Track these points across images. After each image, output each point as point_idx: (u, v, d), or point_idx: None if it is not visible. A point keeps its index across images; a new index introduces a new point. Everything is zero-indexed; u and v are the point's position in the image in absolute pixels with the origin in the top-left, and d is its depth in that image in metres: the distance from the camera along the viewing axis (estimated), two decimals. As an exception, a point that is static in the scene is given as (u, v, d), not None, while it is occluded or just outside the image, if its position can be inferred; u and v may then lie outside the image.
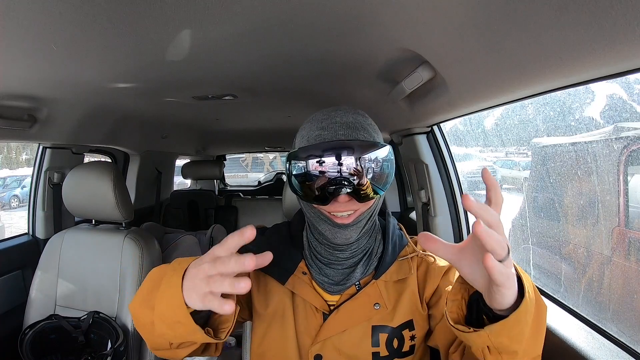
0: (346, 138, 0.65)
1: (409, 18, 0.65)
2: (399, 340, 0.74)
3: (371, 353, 0.74)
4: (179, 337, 0.60)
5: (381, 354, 0.74)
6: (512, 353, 0.53)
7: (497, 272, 0.44)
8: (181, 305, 0.53)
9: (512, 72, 0.66)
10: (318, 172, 0.65)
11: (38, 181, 1.73)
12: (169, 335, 0.59)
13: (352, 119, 0.68)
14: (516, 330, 0.50)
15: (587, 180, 1.12)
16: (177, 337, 0.59)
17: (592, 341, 0.70)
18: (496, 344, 0.52)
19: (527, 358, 0.55)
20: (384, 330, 0.74)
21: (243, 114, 1.91)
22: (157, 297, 0.57)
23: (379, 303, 0.74)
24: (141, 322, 0.63)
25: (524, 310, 0.48)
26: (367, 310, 0.74)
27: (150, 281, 0.64)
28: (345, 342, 0.74)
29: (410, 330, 0.75)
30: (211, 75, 1.08)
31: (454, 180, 1.40)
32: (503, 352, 0.53)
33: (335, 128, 0.66)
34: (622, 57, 0.47)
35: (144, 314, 0.61)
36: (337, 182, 0.64)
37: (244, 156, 9.20)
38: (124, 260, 1.35)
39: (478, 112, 1.01)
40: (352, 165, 0.64)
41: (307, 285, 0.76)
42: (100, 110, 1.55)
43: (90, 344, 1.31)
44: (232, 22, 0.68)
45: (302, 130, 0.72)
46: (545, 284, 0.96)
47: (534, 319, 0.51)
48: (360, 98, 1.38)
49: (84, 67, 0.94)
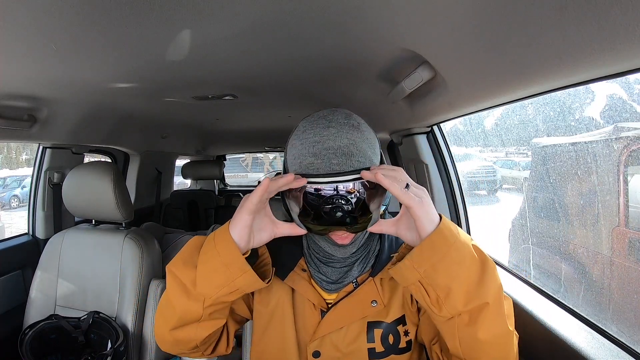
0: (340, 168, 0.62)
1: (409, 18, 0.65)
2: (394, 336, 0.76)
3: (367, 349, 0.75)
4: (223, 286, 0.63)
5: (377, 349, 0.75)
6: (446, 289, 0.57)
7: (404, 197, 0.57)
8: (234, 247, 0.62)
9: (512, 72, 0.66)
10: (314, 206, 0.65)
11: (38, 181, 1.73)
12: (210, 290, 0.63)
13: (346, 141, 0.64)
14: (436, 258, 0.56)
15: (587, 180, 1.12)
16: (221, 285, 0.63)
17: (592, 341, 0.70)
18: (424, 276, 0.57)
19: (472, 301, 0.58)
20: (379, 326, 0.76)
21: (243, 114, 1.91)
22: (206, 251, 0.64)
23: (376, 300, 0.76)
24: (178, 284, 0.66)
25: (437, 236, 0.57)
26: (364, 308, 0.75)
27: (191, 245, 0.69)
28: (342, 338, 0.75)
29: (404, 326, 0.77)
30: (211, 75, 1.08)
31: (454, 180, 1.40)
32: (437, 289, 0.57)
33: (329, 156, 0.63)
34: (622, 57, 0.47)
35: (185, 274, 0.65)
36: (334, 221, 0.64)
37: (244, 156, 9.19)
38: (124, 260, 1.35)
39: (478, 112, 1.01)
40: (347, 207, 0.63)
41: (306, 282, 0.78)
42: (101, 110, 1.55)
43: (90, 344, 1.31)
44: (232, 22, 0.68)
45: (293, 148, 0.68)
46: (545, 284, 0.96)
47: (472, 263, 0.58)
48: (360, 98, 1.38)
49: (84, 67, 0.94)
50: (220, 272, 0.62)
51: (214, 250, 0.63)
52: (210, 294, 0.64)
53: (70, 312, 1.36)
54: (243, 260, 0.62)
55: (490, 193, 2.31)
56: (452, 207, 1.41)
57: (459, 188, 1.41)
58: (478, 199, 2.17)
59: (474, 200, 1.74)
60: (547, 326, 0.76)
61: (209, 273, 0.63)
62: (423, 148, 1.41)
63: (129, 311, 1.30)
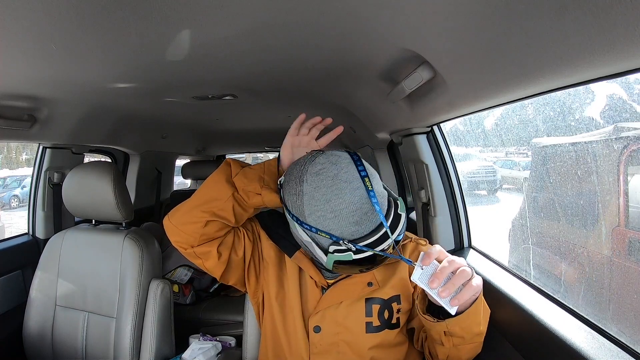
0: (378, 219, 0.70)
1: (409, 18, 0.65)
2: (389, 312, 0.85)
3: (365, 323, 0.84)
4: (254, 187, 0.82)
5: (374, 323, 0.85)
6: (460, 337, 0.73)
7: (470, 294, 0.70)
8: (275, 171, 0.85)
9: (512, 72, 0.66)
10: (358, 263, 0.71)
11: (38, 181, 1.73)
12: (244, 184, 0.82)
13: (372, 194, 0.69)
14: (466, 323, 0.72)
15: (587, 180, 1.12)
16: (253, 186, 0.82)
17: (592, 341, 0.70)
18: (451, 330, 0.72)
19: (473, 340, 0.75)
20: (376, 301, 0.86)
21: (243, 114, 1.91)
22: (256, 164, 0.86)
23: (372, 282, 0.86)
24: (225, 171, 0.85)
25: (474, 310, 0.71)
26: (361, 288, 0.86)
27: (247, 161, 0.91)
28: (341, 312, 0.85)
29: (398, 304, 0.86)
30: (211, 75, 1.08)
31: (454, 181, 1.40)
32: (454, 336, 0.73)
33: (368, 218, 0.69)
34: (622, 57, 0.47)
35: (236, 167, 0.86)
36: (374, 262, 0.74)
37: (244, 156, 9.19)
38: (124, 261, 1.35)
39: (478, 112, 1.01)
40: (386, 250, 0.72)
41: (309, 262, 0.87)
42: (100, 110, 1.55)
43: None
44: (232, 22, 0.68)
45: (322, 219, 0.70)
46: (545, 284, 0.96)
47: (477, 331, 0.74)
48: (360, 98, 1.38)
49: (84, 67, 0.94)
50: (257, 176, 0.82)
51: (262, 166, 0.85)
52: (242, 187, 0.82)
53: (70, 312, 1.36)
54: (276, 181, 0.82)
55: (490, 193, 2.31)
56: (452, 207, 1.41)
57: (459, 188, 1.41)
58: (478, 199, 2.17)
59: (474, 200, 1.74)
60: (547, 326, 0.76)
61: (250, 174, 0.83)
62: (423, 148, 1.41)
63: (129, 311, 1.30)
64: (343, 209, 0.68)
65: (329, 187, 0.69)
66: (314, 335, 0.84)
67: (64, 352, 1.34)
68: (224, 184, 0.83)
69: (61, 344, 1.35)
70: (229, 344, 1.76)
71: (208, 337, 1.53)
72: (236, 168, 0.85)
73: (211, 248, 0.84)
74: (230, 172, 0.85)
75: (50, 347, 1.36)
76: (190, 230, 0.82)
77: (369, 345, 0.84)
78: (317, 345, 0.84)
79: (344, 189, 0.69)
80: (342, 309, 0.84)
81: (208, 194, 0.84)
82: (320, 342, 0.84)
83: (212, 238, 0.84)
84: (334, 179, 0.69)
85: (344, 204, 0.68)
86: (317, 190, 0.70)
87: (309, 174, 0.71)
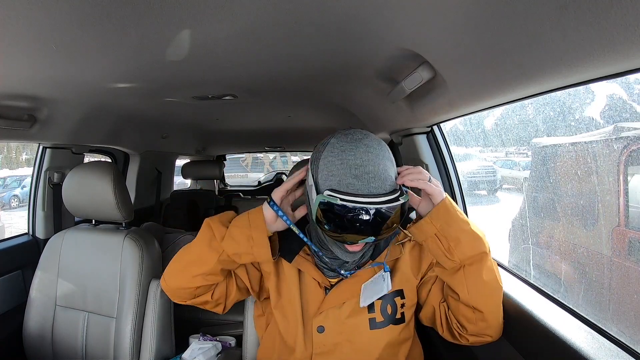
0: (377, 191, 0.71)
1: (409, 18, 0.65)
2: (392, 307, 0.86)
3: (368, 319, 0.85)
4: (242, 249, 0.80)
5: (377, 319, 0.85)
6: (456, 240, 0.75)
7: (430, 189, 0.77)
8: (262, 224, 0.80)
9: (512, 72, 0.66)
10: (345, 221, 0.70)
11: (38, 181, 1.73)
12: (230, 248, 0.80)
13: (382, 167, 0.73)
14: (447, 217, 0.75)
15: (587, 180, 1.12)
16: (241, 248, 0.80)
17: (592, 341, 0.70)
18: (439, 229, 0.76)
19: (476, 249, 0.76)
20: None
21: (243, 114, 1.91)
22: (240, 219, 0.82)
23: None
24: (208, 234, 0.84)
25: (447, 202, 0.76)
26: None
27: (228, 214, 0.87)
28: (344, 312, 0.85)
29: (402, 299, 0.87)
30: (211, 75, 1.08)
31: (454, 180, 1.40)
32: (449, 239, 0.75)
33: (369, 179, 0.71)
34: (622, 57, 0.47)
35: (219, 229, 0.83)
36: (361, 232, 0.71)
37: (244, 156, 9.19)
38: (124, 261, 1.34)
39: (478, 112, 1.01)
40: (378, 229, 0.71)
41: (311, 264, 0.87)
42: (101, 110, 1.55)
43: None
44: (232, 22, 0.68)
45: (330, 165, 0.73)
46: (545, 284, 0.96)
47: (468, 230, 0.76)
48: (360, 98, 1.38)
49: (84, 67, 0.94)
50: (244, 237, 0.79)
51: (247, 221, 0.81)
52: (228, 250, 0.80)
53: (70, 312, 1.36)
54: (265, 236, 0.80)
55: (490, 193, 2.31)
56: (452, 207, 1.40)
57: (459, 188, 1.41)
58: (478, 199, 2.17)
59: (474, 200, 1.74)
60: (547, 326, 0.76)
61: (237, 235, 0.80)
62: (423, 148, 1.41)
63: (129, 311, 1.30)
64: (350, 158, 0.72)
65: (349, 143, 0.74)
66: (317, 336, 0.84)
67: (64, 352, 1.34)
68: (208, 252, 0.83)
69: (61, 344, 1.35)
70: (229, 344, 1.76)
71: (208, 337, 1.53)
72: (219, 230, 0.82)
73: (206, 298, 0.90)
74: (213, 235, 0.83)
75: (50, 347, 1.36)
76: (184, 294, 0.89)
77: (373, 344, 0.84)
78: (320, 345, 0.84)
79: (360, 147, 0.73)
80: (345, 308, 0.85)
81: (193, 262, 0.86)
82: (324, 343, 0.84)
83: (205, 292, 0.90)
84: (357, 141, 0.74)
85: (353, 156, 0.72)
86: (339, 142, 0.75)
87: (340, 133, 0.77)
